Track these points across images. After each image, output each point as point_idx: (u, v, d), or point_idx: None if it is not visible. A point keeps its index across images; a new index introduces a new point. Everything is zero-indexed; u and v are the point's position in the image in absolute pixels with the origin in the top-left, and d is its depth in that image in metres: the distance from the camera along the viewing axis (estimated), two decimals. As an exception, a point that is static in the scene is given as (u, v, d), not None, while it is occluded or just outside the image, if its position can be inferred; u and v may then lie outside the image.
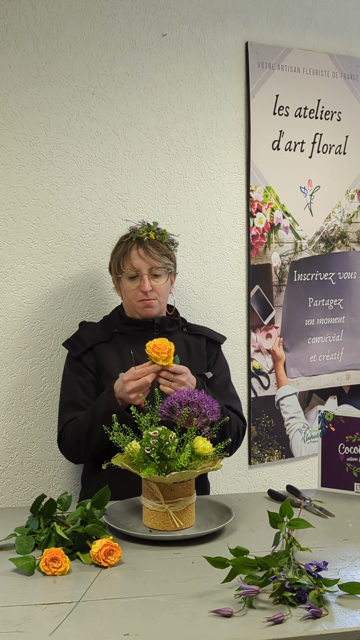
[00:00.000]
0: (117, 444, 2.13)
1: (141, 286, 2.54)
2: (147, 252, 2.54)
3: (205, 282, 3.16)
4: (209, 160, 3.12)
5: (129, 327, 2.62)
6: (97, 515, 2.06)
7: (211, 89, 3.10)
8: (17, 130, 2.74)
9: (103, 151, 2.89)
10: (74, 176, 2.84)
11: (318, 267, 3.43)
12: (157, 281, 2.57)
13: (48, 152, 2.79)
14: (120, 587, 1.78)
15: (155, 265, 2.55)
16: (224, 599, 1.69)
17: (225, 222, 3.18)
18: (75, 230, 2.86)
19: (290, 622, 1.59)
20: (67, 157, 2.83)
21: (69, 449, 2.51)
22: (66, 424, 2.50)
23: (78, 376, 2.55)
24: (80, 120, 2.84)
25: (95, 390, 2.55)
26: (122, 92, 2.91)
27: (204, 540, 2.05)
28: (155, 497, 2.07)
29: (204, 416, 2.12)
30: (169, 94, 3.01)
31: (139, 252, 2.54)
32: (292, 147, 3.30)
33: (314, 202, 3.38)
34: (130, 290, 2.56)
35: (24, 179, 2.76)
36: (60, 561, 1.84)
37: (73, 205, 2.85)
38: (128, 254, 2.55)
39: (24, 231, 2.78)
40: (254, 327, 3.27)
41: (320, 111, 3.35)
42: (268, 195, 3.25)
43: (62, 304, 2.86)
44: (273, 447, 3.35)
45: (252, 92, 3.16)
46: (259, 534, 2.09)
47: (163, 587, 1.76)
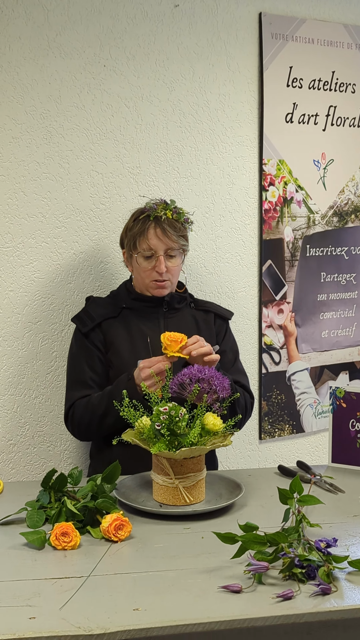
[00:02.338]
0: (128, 419, 2.14)
1: (157, 267, 2.53)
2: (164, 232, 2.52)
3: (217, 257, 3.14)
4: (221, 133, 3.09)
5: (137, 302, 2.62)
6: (108, 490, 2.07)
7: (224, 60, 3.06)
8: (27, 103, 2.72)
9: (114, 124, 2.87)
10: (84, 150, 2.83)
11: (331, 241, 3.41)
12: (172, 262, 2.56)
13: (59, 126, 2.78)
14: (130, 562, 1.79)
15: (172, 246, 2.54)
16: (233, 575, 1.69)
17: (237, 196, 3.16)
18: (86, 204, 2.85)
19: (300, 598, 1.60)
20: (78, 131, 2.81)
21: (77, 427, 2.52)
22: (74, 403, 2.50)
23: (85, 353, 2.56)
24: (92, 93, 2.82)
25: (102, 367, 2.55)
26: (134, 64, 2.89)
27: (214, 515, 2.06)
28: (166, 473, 2.07)
29: (214, 392, 2.12)
30: (181, 66, 2.98)
31: (156, 232, 2.52)
32: (305, 119, 3.27)
33: (327, 176, 3.36)
34: (145, 270, 2.55)
35: (35, 152, 2.75)
36: (70, 535, 1.85)
37: (84, 179, 2.84)
38: (145, 233, 2.53)
39: (34, 205, 2.77)
40: (265, 303, 3.26)
41: (335, 83, 3.32)
42: (281, 169, 3.23)
43: (72, 279, 2.86)
44: (284, 422, 3.35)
45: (265, 63, 3.13)
46: (268, 509, 2.10)
47: (173, 562, 1.78)
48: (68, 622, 1.50)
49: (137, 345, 2.56)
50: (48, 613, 1.53)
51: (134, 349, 2.55)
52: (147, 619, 1.51)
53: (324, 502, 2.02)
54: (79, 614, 1.53)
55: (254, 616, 1.53)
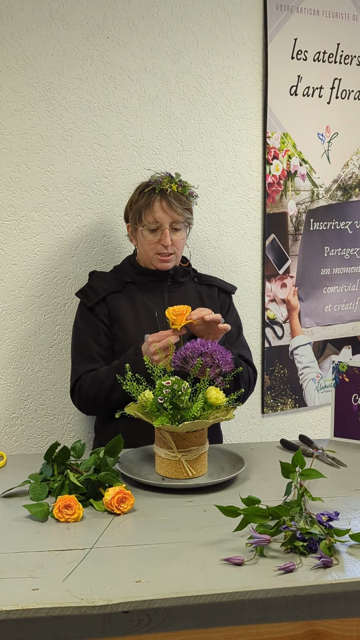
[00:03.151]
0: (131, 393, 2.14)
1: (162, 240, 2.52)
2: (170, 205, 2.51)
3: (220, 231, 3.13)
4: (225, 106, 3.07)
5: (141, 276, 2.61)
6: (110, 463, 2.07)
7: (228, 32, 3.03)
8: (30, 75, 2.70)
9: (117, 97, 2.85)
10: (87, 122, 2.81)
11: (335, 215, 3.39)
12: (177, 235, 2.56)
13: (62, 98, 2.75)
14: (132, 534, 1.80)
15: (177, 219, 2.53)
16: (235, 548, 1.70)
17: (241, 170, 3.14)
18: (89, 177, 2.84)
19: (301, 571, 1.60)
20: (80, 103, 2.79)
21: (83, 401, 2.52)
22: (81, 377, 2.50)
23: (90, 327, 2.56)
24: (94, 65, 2.79)
25: (107, 341, 2.55)
26: (137, 36, 2.86)
27: (216, 488, 2.07)
28: (168, 446, 2.08)
29: (217, 366, 2.12)
30: (185, 38, 2.95)
31: (162, 205, 2.52)
32: (310, 92, 3.24)
33: (331, 149, 3.33)
34: (150, 243, 2.55)
35: (38, 125, 2.73)
36: (73, 508, 1.86)
37: (87, 152, 2.82)
38: (151, 206, 2.52)
39: (37, 179, 2.75)
40: (268, 277, 3.25)
41: (340, 55, 3.28)
42: (285, 142, 3.20)
43: (75, 253, 2.85)
44: (286, 396, 3.35)
45: (269, 35, 3.10)
46: (271, 483, 2.10)
47: (175, 534, 1.78)
48: (71, 594, 1.51)
49: (142, 319, 2.56)
50: (51, 585, 1.54)
51: (139, 322, 2.55)
52: (149, 590, 1.52)
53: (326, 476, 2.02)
54: (81, 585, 1.54)
55: (256, 588, 1.53)
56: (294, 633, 1.58)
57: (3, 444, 2.81)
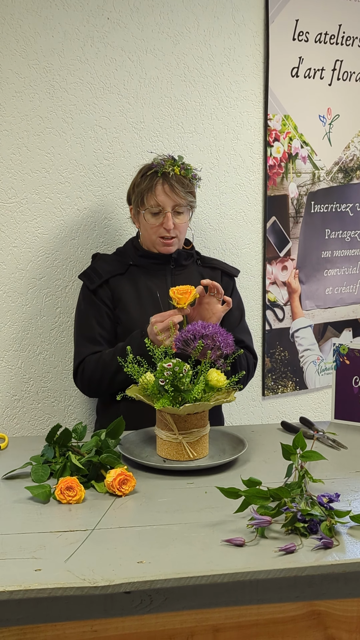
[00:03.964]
0: (132, 375, 2.14)
1: (164, 223, 2.52)
2: (172, 188, 2.51)
3: (221, 213, 3.13)
4: (226, 88, 3.05)
5: (144, 259, 2.61)
6: (112, 445, 2.08)
7: (229, 13, 3.01)
8: (30, 56, 2.68)
9: (118, 78, 2.84)
10: (88, 104, 2.80)
11: (336, 198, 3.38)
12: (180, 218, 2.55)
13: (62, 80, 2.74)
14: (134, 516, 1.80)
15: (179, 202, 2.52)
16: (236, 529, 1.71)
17: (242, 152, 3.13)
18: (89, 159, 2.83)
19: (302, 552, 1.61)
20: (81, 85, 2.77)
21: (87, 384, 2.52)
22: (84, 359, 2.51)
23: (93, 310, 2.56)
24: (95, 47, 2.78)
25: (110, 324, 2.56)
26: (138, 17, 2.84)
27: (217, 470, 2.07)
28: (169, 428, 2.08)
29: (218, 349, 2.12)
30: (186, 19, 2.93)
31: (164, 189, 2.51)
32: (311, 74, 3.22)
33: (332, 132, 3.32)
34: (153, 226, 2.54)
35: (38, 107, 2.72)
36: (75, 490, 1.86)
37: (87, 134, 2.81)
38: (153, 189, 2.52)
39: (37, 161, 2.75)
40: (269, 259, 3.25)
41: (341, 37, 3.26)
42: (286, 124, 3.19)
43: (76, 235, 2.84)
44: (287, 378, 3.36)
45: (271, 16, 3.08)
46: (271, 465, 2.11)
47: (176, 516, 1.79)
48: (73, 574, 1.51)
49: (145, 301, 2.56)
50: (53, 565, 1.55)
51: (142, 305, 2.55)
52: (151, 571, 1.53)
53: (327, 457, 2.02)
54: (83, 566, 1.55)
55: (257, 569, 1.54)
56: (294, 613, 1.59)
57: (5, 426, 2.82)
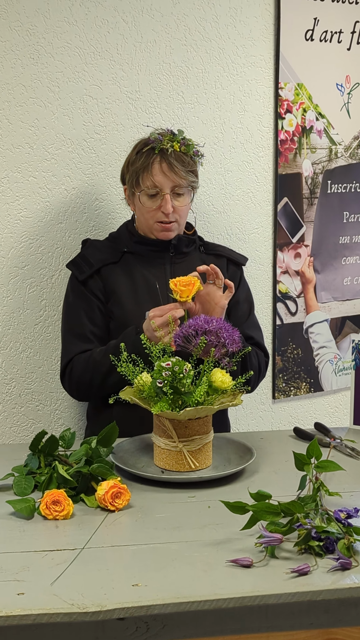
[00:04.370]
0: (126, 375, 2.14)
1: (162, 206, 2.51)
2: (171, 167, 2.50)
3: (227, 194, 3.12)
4: (232, 53, 3.05)
5: (140, 246, 2.61)
6: (104, 454, 2.08)
7: (235, -31, 3.02)
8: (11, 17, 2.68)
9: (110, 42, 2.84)
10: (77, 71, 2.79)
11: (355, 176, 3.38)
12: (180, 201, 2.55)
13: (47, 43, 2.74)
14: (128, 533, 1.80)
15: (179, 183, 2.52)
16: (243, 548, 1.71)
17: (249, 125, 3.13)
18: (78, 133, 2.82)
19: (317, 573, 1.61)
20: (69, 49, 2.77)
21: (76, 386, 2.53)
22: (73, 359, 2.51)
23: (83, 303, 2.56)
24: (84, 6, 2.78)
25: (102, 318, 2.55)
26: (133, -27, 2.85)
27: (222, 482, 2.07)
28: (168, 435, 2.08)
29: (222, 346, 2.12)
30: (187, -25, 2.94)
31: (162, 168, 2.50)
32: (328, 37, 3.22)
33: (352, 102, 3.32)
34: (149, 210, 2.54)
35: (20, 74, 2.72)
36: (62, 504, 1.86)
37: (76, 105, 2.81)
38: (149, 168, 2.51)
39: (20, 135, 2.74)
40: (280, 246, 3.25)
41: (362, -5, 3.27)
42: (299, 94, 3.19)
43: (64, 218, 2.84)
44: (300, 379, 3.36)
45: (282, -28, 3.09)
46: (283, 476, 2.11)
47: (176, 533, 1.79)
48: (60, 599, 1.51)
49: (141, 293, 2.56)
50: (38, 588, 1.55)
51: (138, 298, 2.55)
52: (147, 595, 1.53)
53: (345, 468, 2.02)
54: (72, 589, 1.55)
55: (266, 593, 1.54)
56: (308, 642, 1.59)
57: (-17, 432, 2.83)
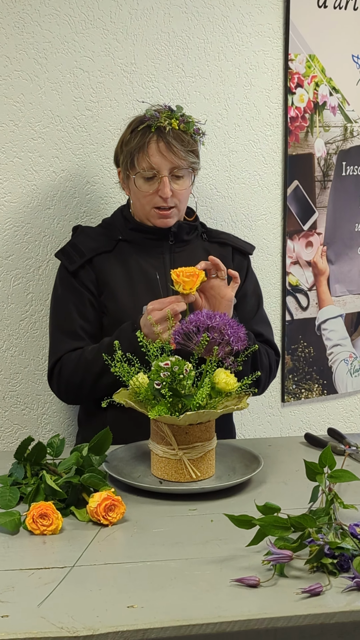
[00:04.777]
0: (121, 377, 2.14)
1: (160, 190, 2.51)
2: (169, 147, 2.50)
3: (231, 177, 3.13)
4: (237, 21, 3.05)
5: (137, 233, 2.61)
6: (96, 462, 2.08)
7: None
8: (-6, -19, 2.69)
9: (104, 9, 2.84)
10: (66, 41, 2.80)
11: (373, 158, 3.39)
12: (179, 184, 2.54)
13: (34, 11, 2.74)
14: (123, 550, 1.81)
15: (178, 164, 2.52)
16: (249, 566, 1.71)
17: (256, 101, 3.13)
18: (68, 110, 2.83)
19: (330, 594, 1.61)
20: (57, 17, 2.77)
21: (65, 388, 2.53)
22: (62, 358, 2.51)
23: (73, 296, 2.56)
24: (75, -31, 2.78)
25: (94, 313, 2.56)
26: None
27: (226, 494, 2.08)
28: (167, 442, 2.09)
29: (227, 344, 2.12)
30: None
31: (159, 148, 2.50)
32: (342, 4, 3.22)
33: (369, 76, 3.33)
34: (146, 194, 2.54)
35: (4, 45, 2.72)
36: (50, 518, 1.86)
37: (66, 79, 2.81)
38: (145, 148, 2.51)
39: (4, 112, 2.75)
40: (290, 234, 3.25)
41: None
42: (311, 66, 3.19)
43: (52, 204, 2.84)
44: (312, 381, 3.36)
45: None
46: (293, 487, 2.12)
47: (175, 550, 1.79)
48: (48, 621, 1.51)
49: (137, 285, 2.56)
50: (24, 610, 1.55)
51: (133, 290, 2.55)
52: (144, 618, 1.53)
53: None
54: (61, 611, 1.55)
55: (275, 615, 1.54)
56: (321, 669, 1.60)
57: (-36, 439, 2.84)
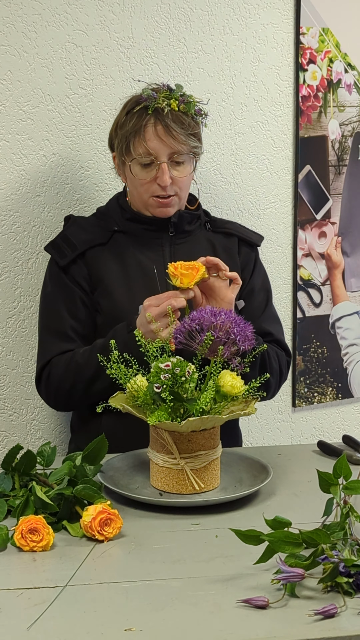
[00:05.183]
0: (117, 379, 2.14)
1: (158, 178, 2.51)
2: (168, 131, 2.49)
3: (237, 161, 3.12)
4: (243, -8, 3.06)
5: (134, 224, 2.61)
6: (90, 472, 2.09)
7: None
8: None
9: (98, -22, 2.84)
10: (57, 13, 2.79)
11: (391, 140, 3.39)
12: (180, 170, 2.54)
13: (22, -20, 2.74)
14: (120, 568, 1.81)
15: (178, 149, 2.51)
16: (257, 585, 1.71)
17: (265, 78, 3.13)
18: (60, 88, 2.82)
19: (345, 615, 1.61)
20: (48, -13, 2.78)
21: (54, 393, 2.53)
22: (51, 360, 2.51)
23: (63, 294, 2.55)
24: None
25: (86, 312, 2.55)
26: None
27: (232, 507, 2.08)
28: (168, 450, 2.08)
29: (233, 343, 2.12)
30: None
31: (157, 131, 2.49)
32: (359, -28, 3.23)
33: (387, 51, 3.32)
34: (143, 182, 2.53)
35: (-10, 17, 2.72)
36: (41, 533, 1.86)
37: (57, 55, 2.81)
38: (142, 132, 2.50)
39: (-10, 90, 2.75)
40: (302, 223, 3.25)
41: None
42: (325, 41, 3.19)
43: (42, 191, 2.84)
44: (325, 384, 3.36)
45: None
46: (305, 500, 2.12)
47: (177, 568, 1.79)
48: (38, 646, 1.52)
49: (135, 282, 2.55)
50: (12, 634, 1.55)
51: (130, 286, 2.55)
52: (142, 642, 1.53)
53: (379, 489, 2.03)
54: (52, 635, 1.55)
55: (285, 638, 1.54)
56: None
57: None
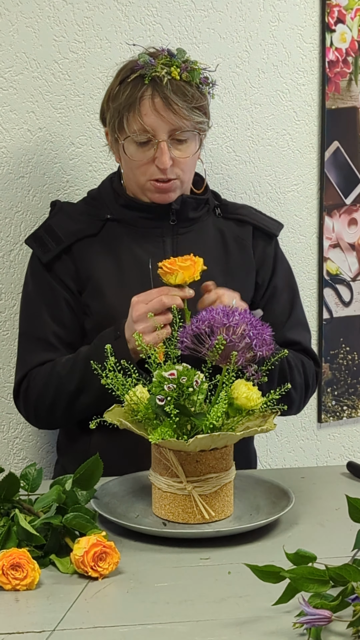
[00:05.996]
0: (113, 389, 2.14)
1: (157, 159, 2.49)
2: (167, 104, 2.46)
3: (253, 137, 3.13)
4: None
5: (129, 211, 2.60)
6: (83, 499, 2.09)
7: None
8: None
9: None
10: (44, -35, 2.81)
11: None
12: (182, 150, 2.52)
13: None
14: (117, 610, 1.81)
15: (180, 126, 2.49)
16: (277, 630, 1.71)
17: (285, 41, 3.13)
18: (47, 52, 2.83)
19: (379, 665, 1.62)
20: None
21: (33, 409, 2.54)
22: (30, 372, 2.51)
23: (46, 295, 2.55)
24: None
25: (72, 316, 2.55)
26: None
27: (247, 539, 2.08)
28: (173, 473, 2.09)
29: (249, 348, 2.12)
30: None
31: (154, 104, 2.47)
32: None
33: None
34: (140, 164, 2.52)
35: (-34, -31, 2.73)
36: (25, 569, 1.86)
37: (44, 13, 2.82)
38: (137, 105, 2.47)
39: (-35, 54, 2.76)
40: (329, 209, 3.25)
41: None
42: (355, -3, 3.20)
43: (26, 172, 2.85)
44: (356, 395, 3.37)
45: None
46: (332, 530, 2.12)
47: (184, 610, 1.79)
48: None
49: (130, 280, 2.54)
50: None
51: (125, 286, 2.54)
52: None
53: None
54: None
55: None
56: None
57: None
